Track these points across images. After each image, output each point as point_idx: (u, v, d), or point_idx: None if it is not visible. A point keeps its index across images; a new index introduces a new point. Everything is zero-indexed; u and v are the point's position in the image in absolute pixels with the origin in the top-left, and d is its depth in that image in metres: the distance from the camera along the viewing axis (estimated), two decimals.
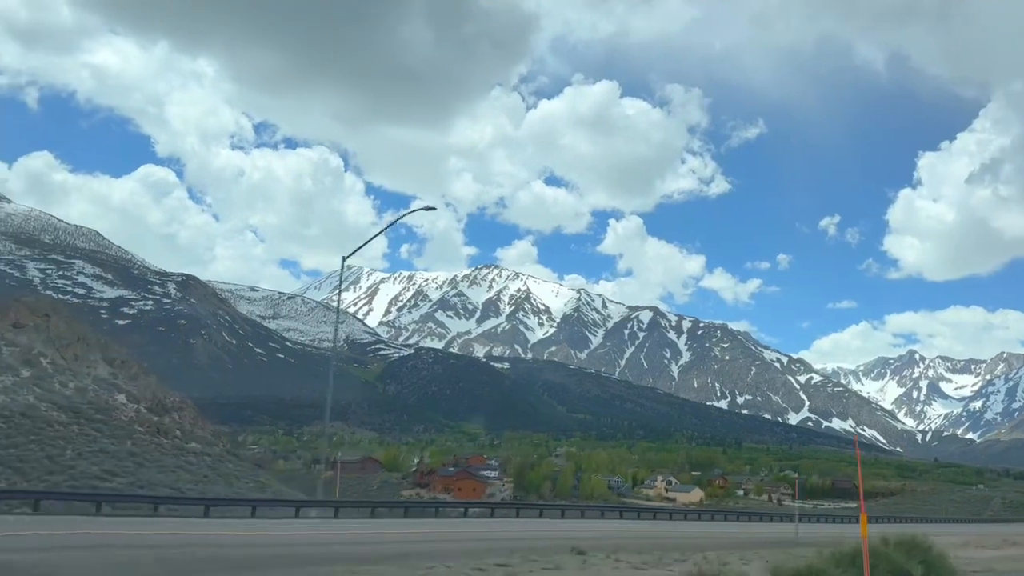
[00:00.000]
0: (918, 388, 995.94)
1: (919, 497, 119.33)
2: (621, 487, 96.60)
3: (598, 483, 73.80)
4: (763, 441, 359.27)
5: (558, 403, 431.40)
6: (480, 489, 70.12)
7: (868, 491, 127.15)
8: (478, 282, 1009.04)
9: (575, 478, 72.59)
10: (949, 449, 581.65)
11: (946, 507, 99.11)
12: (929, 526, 57.51)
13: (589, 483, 71.35)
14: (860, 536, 11.65)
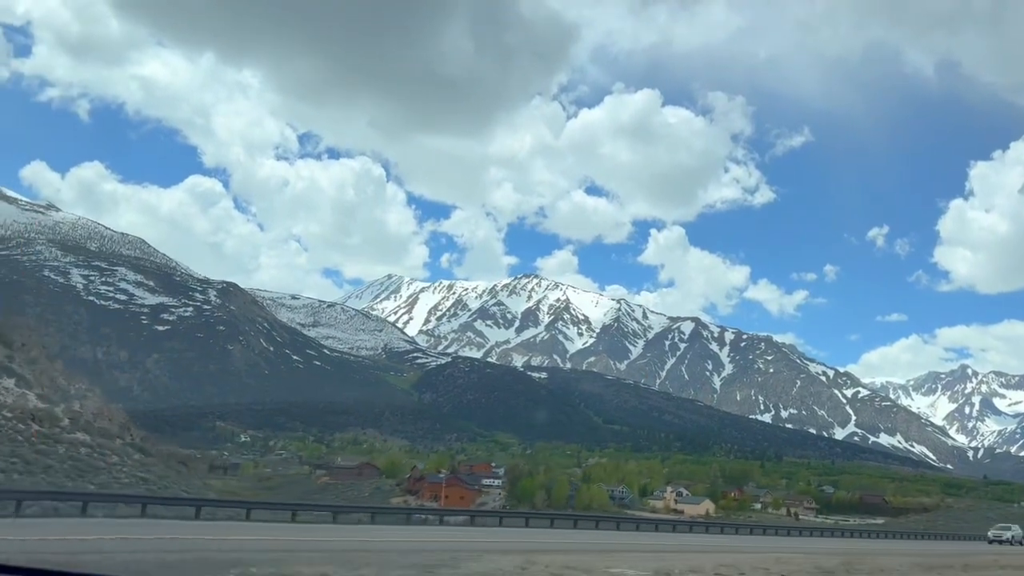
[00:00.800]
0: (970, 404, 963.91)
1: (954, 514, 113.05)
2: (626, 498, 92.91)
3: (598, 493, 70.22)
4: (806, 455, 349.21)
5: (594, 414, 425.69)
6: (469, 497, 67.23)
7: (902, 507, 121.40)
8: (517, 292, 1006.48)
9: (571, 487, 69.09)
10: (1002, 467, 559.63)
11: (980, 524, 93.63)
12: (932, 544, 53.00)
13: (588, 493, 67.77)
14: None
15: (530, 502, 61.11)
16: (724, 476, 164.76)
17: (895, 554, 34.36)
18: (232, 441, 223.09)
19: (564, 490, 61.35)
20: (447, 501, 62.48)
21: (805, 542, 46.64)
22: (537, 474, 78.39)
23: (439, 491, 69.33)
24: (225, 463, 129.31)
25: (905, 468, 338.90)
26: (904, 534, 73.38)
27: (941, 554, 35.56)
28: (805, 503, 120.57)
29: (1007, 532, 60.72)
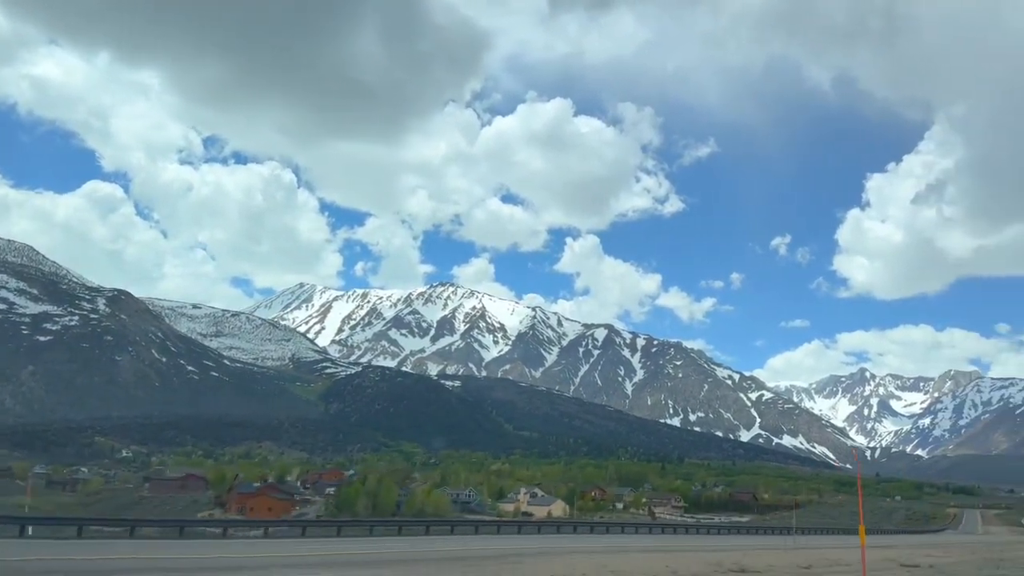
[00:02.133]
0: (869, 406, 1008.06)
1: (823, 509, 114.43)
2: (473, 502, 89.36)
3: (436, 497, 66.24)
4: (709, 457, 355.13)
5: (506, 421, 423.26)
6: (280, 508, 62.18)
7: (772, 504, 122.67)
8: (433, 300, 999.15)
9: (400, 493, 64.82)
10: (897, 465, 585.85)
11: (844, 518, 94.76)
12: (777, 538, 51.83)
13: (424, 497, 63.64)
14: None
15: (351, 510, 56.46)
16: (620, 478, 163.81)
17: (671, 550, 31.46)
18: (111, 457, 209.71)
19: (392, 496, 57.04)
20: (252, 513, 57.51)
21: (630, 539, 44.25)
22: (359, 481, 73.67)
23: (246, 502, 64.40)
24: (67, 478, 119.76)
25: (804, 468, 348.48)
26: (753, 529, 72.95)
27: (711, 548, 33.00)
28: (673, 501, 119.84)
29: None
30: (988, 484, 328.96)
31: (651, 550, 34.83)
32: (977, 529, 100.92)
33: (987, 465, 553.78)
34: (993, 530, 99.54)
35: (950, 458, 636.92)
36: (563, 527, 51.29)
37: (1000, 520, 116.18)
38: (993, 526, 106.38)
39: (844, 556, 33.61)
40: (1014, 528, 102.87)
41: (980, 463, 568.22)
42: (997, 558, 33.25)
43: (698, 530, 60.73)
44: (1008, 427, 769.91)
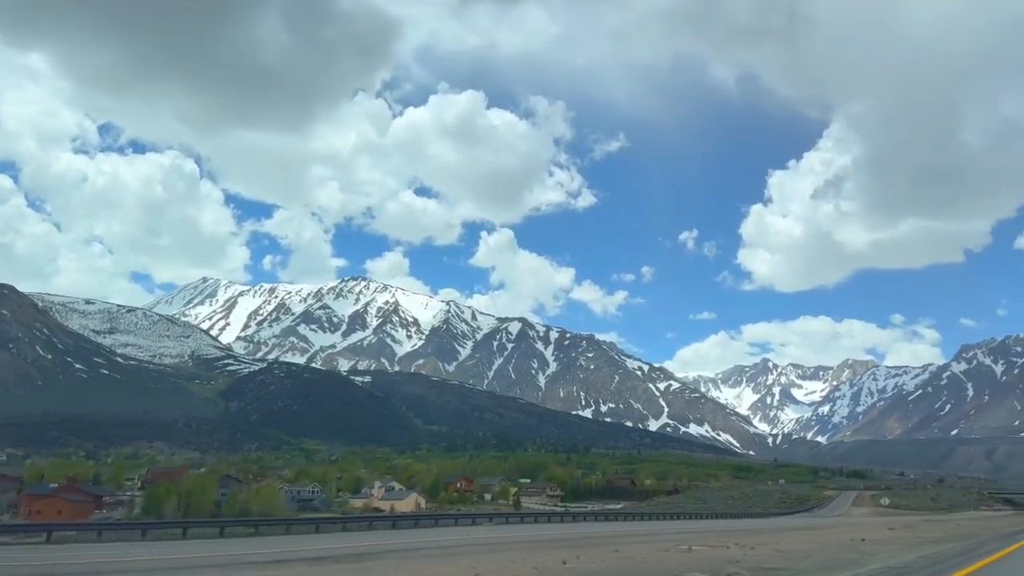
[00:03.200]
0: (771, 394, 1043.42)
1: (701, 494, 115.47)
2: (316, 498, 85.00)
3: (266, 495, 61.55)
4: (616, 447, 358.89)
5: (415, 416, 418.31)
6: (72, 510, 56.54)
7: (652, 489, 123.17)
8: (344, 295, 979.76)
9: (220, 491, 59.94)
10: (797, 451, 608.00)
11: (717, 503, 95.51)
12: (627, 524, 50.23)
13: (252, 496, 58.79)
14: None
15: (157, 511, 51.38)
16: (520, 470, 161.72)
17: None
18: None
19: (209, 495, 52.23)
20: (38, 516, 51.94)
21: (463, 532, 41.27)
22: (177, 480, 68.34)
23: (33, 504, 58.76)
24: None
25: (707, 455, 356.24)
26: (618, 516, 72.03)
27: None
28: (548, 490, 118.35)
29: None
30: (882, 468, 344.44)
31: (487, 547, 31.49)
32: (834, 511, 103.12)
33: (881, 450, 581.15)
34: (854, 512, 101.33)
35: (847, 443, 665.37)
36: (422, 520, 47.77)
37: (871, 501, 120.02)
38: (859, 507, 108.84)
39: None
40: (876, 509, 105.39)
41: (875, 448, 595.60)
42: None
43: (562, 518, 58.77)
44: (901, 413, 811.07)
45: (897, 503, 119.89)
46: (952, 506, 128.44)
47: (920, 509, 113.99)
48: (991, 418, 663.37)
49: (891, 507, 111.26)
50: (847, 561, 22.20)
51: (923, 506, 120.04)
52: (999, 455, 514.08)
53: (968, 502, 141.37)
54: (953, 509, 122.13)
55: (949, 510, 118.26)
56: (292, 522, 39.97)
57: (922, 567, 21.10)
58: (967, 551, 26.71)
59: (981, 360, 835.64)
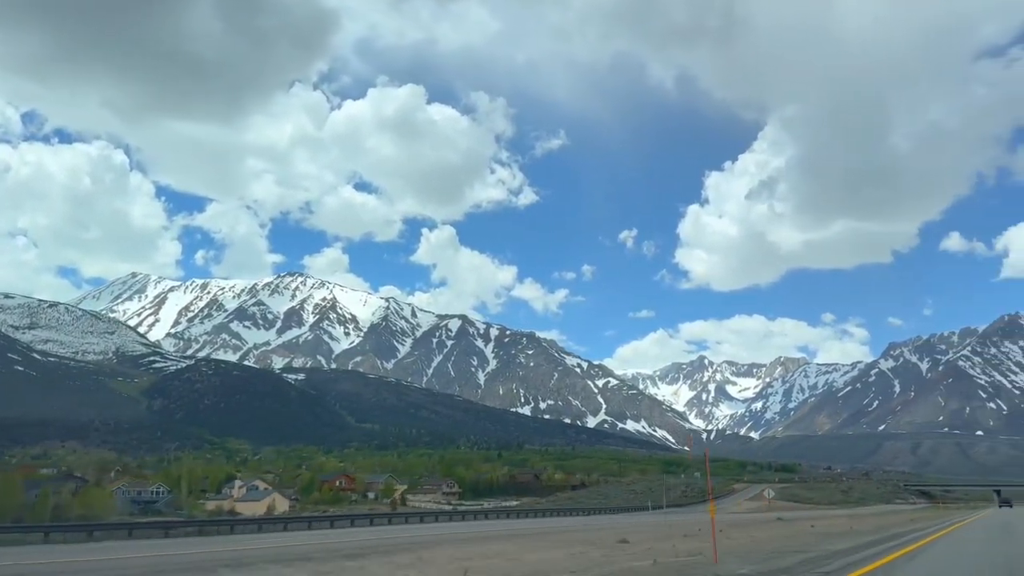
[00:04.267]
0: (707, 391, 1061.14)
1: (610, 489, 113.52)
2: (161, 500, 79.38)
3: (99, 496, 56.15)
4: (552, 443, 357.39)
5: (348, 414, 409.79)
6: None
7: (558, 485, 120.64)
8: (280, 291, 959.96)
9: (33, 493, 54.13)
10: (731, 446, 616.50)
11: (618, 497, 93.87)
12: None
13: (79, 499, 53.11)
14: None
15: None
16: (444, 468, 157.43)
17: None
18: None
19: (15, 497, 46.64)
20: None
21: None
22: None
23: None
24: None
25: (640, 451, 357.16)
26: (502, 513, 68.84)
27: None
28: (445, 487, 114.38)
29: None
30: (811, 462, 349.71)
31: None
32: (718, 505, 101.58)
33: (812, 445, 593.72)
34: (734, 507, 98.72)
35: (779, 439, 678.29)
36: (266, 524, 43.38)
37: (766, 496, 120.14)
38: (754, 502, 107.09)
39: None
40: (760, 505, 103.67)
41: (805, 443, 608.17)
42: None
43: (451, 517, 54.81)
44: (831, 409, 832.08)
45: (806, 497, 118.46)
46: (862, 499, 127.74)
47: (819, 503, 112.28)
48: (917, 414, 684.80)
49: (794, 500, 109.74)
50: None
51: (828, 500, 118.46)
52: (924, 450, 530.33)
53: (882, 495, 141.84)
54: (862, 502, 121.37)
55: (856, 503, 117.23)
56: (97, 527, 34.90)
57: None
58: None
59: (907, 358, 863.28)
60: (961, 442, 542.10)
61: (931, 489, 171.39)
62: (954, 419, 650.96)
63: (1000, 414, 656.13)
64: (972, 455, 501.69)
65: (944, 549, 24.74)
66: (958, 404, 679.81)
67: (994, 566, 19.01)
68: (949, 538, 30.55)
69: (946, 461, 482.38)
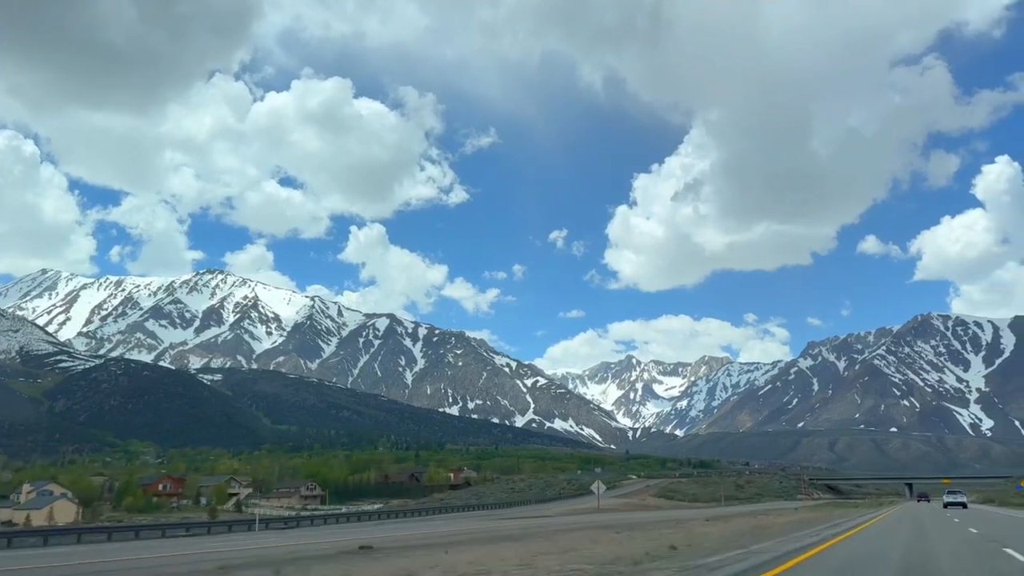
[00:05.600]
0: (635, 390, 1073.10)
1: (492, 487, 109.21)
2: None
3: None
4: (478, 443, 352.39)
5: (265, 415, 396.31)
6: None
7: (439, 484, 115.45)
8: (199, 289, 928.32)
9: None
10: (656, 444, 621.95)
11: (496, 495, 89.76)
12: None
13: None
14: None
15: None
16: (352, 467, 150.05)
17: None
18: None
19: None
20: None
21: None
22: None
23: None
24: None
25: (564, 449, 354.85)
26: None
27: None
28: (304, 489, 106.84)
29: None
30: (731, 458, 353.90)
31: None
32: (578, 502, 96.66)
33: (733, 442, 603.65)
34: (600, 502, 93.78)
35: (702, 436, 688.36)
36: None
37: (652, 490, 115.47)
38: (624, 499, 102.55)
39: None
40: (627, 500, 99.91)
41: (727, 440, 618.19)
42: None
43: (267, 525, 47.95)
44: (752, 407, 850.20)
45: (689, 493, 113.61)
46: (757, 495, 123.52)
47: (698, 500, 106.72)
48: (834, 411, 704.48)
49: (668, 498, 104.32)
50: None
51: (710, 496, 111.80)
52: (840, 446, 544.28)
53: (783, 490, 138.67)
54: (756, 498, 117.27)
55: (749, 499, 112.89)
56: None
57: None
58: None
59: (826, 357, 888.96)
60: (876, 438, 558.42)
61: (841, 483, 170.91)
62: (869, 416, 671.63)
63: (913, 411, 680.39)
64: (886, 451, 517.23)
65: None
66: (873, 402, 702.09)
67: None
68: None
69: (862, 457, 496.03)
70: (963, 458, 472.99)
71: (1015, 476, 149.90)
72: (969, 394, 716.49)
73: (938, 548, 20.16)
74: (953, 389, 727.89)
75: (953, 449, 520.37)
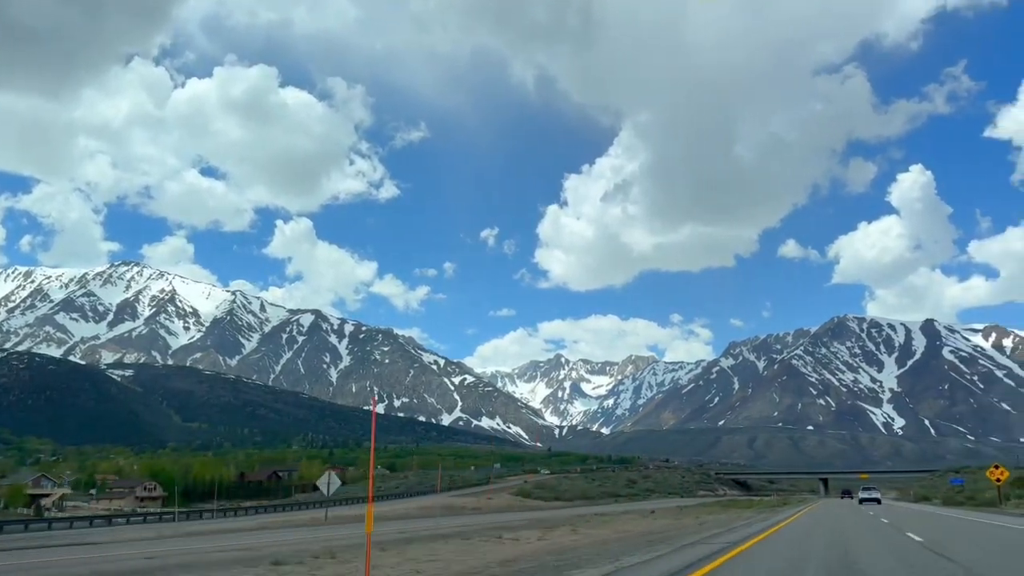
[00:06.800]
0: (563, 388, 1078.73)
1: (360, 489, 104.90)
2: None
3: None
4: (401, 441, 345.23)
5: (176, 412, 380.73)
6: None
7: (308, 484, 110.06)
8: (114, 281, 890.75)
9: None
10: (581, 442, 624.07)
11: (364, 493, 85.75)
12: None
13: None
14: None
15: None
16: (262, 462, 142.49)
17: None
18: None
19: None
20: None
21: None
22: None
23: None
24: None
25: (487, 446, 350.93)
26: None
27: None
28: (142, 490, 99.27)
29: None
30: (653, 455, 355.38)
31: None
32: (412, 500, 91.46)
33: (656, 439, 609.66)
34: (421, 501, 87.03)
35: (627, 434, 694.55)
36: None
37: (515, 489, 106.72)
38: (462, 498, 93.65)
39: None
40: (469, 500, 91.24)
41: (651, 438, 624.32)
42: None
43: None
44: (675, 405, 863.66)
45: (562, 490, 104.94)
46: (650, 491, 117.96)
47: (560, 499, 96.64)
48: (753, 410, 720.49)
49: (525, 497, 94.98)
50: None
51: (583, 495, 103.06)
52: (759, 443, 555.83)
53: (684, 485, 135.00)
54: (648, 495, 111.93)
55: (636, 497, 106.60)
56: None
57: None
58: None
59: (746, 356, 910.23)
60: (793, 436, 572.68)
61: (753, 479, 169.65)
62: (787, 414, 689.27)
63: (829, 410, 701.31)
64: (803, 448, 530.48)
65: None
66: (791, 400, 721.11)
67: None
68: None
69: (779, 454, 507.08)
70: (876, 455, 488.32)
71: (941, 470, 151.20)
72: (882, 394, 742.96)
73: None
74: (867, 389, 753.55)
75: (867, 447, 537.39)
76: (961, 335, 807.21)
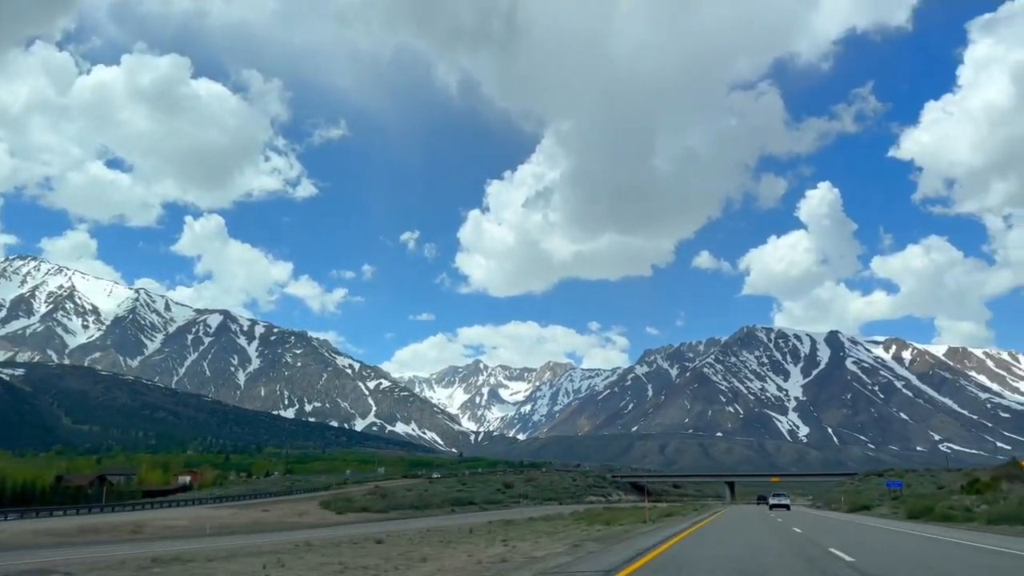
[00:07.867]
0: (481, 394, 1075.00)
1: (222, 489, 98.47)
2: None
3: None
4: (307, 446, 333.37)
5: (66, 414, 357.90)
6: None
7: (155, 489, 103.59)
8: (8, 276, 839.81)
9: None
10: (497, 448, 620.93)
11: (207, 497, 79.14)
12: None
13: None
14: None
15: None
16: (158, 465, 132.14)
17: None
18: None
19: None
20: None
21: None
22: None
23: None
24: None
25: (399, 451, 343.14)
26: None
27: None
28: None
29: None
30: (567, 460, 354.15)
31: None
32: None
33: (571, 445, 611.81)
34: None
35: (542, 440, 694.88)
36: None
37: (326, 497, 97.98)
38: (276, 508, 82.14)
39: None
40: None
41: (565, 443, 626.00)
42: None
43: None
44: (591, 412, 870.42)
45: (400, 498, 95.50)
46: (524, 496, 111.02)
47: (398, 509, 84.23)
48: (666, 416, 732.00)
49: (335, 510, 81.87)
50: None
51: (410, 503, 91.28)
52: (670, 449, 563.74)
53: (573, 489, 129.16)
54: (516, 501, 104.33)
55: (499, 504, 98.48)
56: None
57: None
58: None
59: (660, 364, 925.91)
60: (703, 442, 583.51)
61: (659, 482, 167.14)
62: (698, 421, 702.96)
63: (737, 417, 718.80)
64: (712, 454, 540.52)
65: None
66: (702, 407, 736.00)
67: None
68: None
69: (689, 460, 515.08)
70: (782, 462, 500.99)
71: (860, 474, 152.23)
72: (788, 402, 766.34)
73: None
74: (774, 397, 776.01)
75: (772, 453, 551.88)
76: (863, 347, 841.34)
